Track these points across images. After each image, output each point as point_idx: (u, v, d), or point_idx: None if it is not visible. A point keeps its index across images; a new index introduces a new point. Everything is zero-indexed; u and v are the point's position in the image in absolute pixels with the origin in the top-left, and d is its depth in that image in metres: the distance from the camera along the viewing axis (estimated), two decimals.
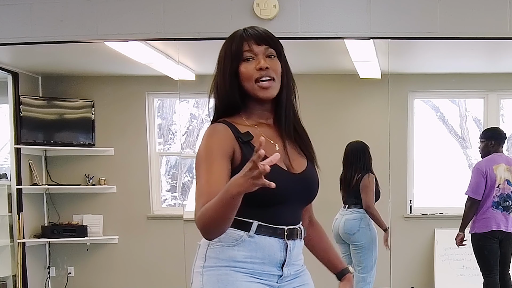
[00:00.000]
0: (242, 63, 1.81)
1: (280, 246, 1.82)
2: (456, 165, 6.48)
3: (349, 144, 4.85)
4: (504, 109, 6.30)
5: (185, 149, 6.57)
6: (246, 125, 1.83)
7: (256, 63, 1.80)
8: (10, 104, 5.75)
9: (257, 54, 1.81)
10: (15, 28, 4.40)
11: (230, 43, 1.83)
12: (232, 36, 1.85)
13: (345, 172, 4.78)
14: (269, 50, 1.82)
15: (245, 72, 1.80)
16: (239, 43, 1.81)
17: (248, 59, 1.80)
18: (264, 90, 1.81)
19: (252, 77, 1.80)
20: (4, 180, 5.91)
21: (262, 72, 1.79)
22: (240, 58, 1.80)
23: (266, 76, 1.80)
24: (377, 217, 4.68)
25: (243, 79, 1.81)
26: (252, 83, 1.80)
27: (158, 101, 6.41)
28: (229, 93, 1.83)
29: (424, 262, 6.03)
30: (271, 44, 1.83)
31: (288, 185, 1.80)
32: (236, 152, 1.77)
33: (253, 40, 1.81)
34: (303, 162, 1.88)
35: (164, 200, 6.55)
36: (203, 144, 1.79)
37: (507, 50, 5.06)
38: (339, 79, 5.83)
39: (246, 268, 1.79)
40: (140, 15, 4.35)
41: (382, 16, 4.26)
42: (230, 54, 1.81)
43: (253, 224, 1.79)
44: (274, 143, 1.85)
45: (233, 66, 1.81)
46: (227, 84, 1.82)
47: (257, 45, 1.81)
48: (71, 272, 6.17)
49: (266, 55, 1.82)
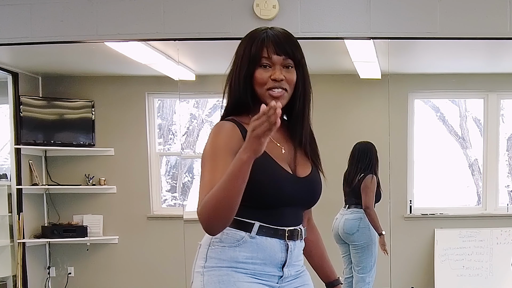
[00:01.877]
0: (258, 68, 1.79)
1: (281, 247, 1.82)
2: (456, 165, 6.48)
3: (357, 143, 4.85)
4: (504, 109, 6.30)
5: (185, 149, 6.58)
6: None
7: (272, 72, 1.78)
8: (10, 104, 5.75)
9: (275, 64, 1.78)
10: (15, 28, 4.40)
11: (250, 44, 1.80)
12: (253, 37, 1.82)
13: (349, 170, 4.79)
14: (287, 60, 1.80)
15: (260, 78, 1.79)
16: (259, 48, 1.78)
17: (265, 66, 1.79)
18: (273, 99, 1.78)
19: (265, 85, 1.79)
20: (4, 180, 5.91)
21: (276, 83, 1.78)
22: (257, 63, 1.78)
23: (279, 87, 1.79)
24: (374, 219, 4.66)
25: (256, 84, 1.79)
26: (263, 90, 1.79)
27: (158, 101, 6.41)
28: (241, 93, 1.82)
29: (424, 262, 6.03)
30: (290, 54, 1.80)
31: (291, 188, 1.81)
32: None
33: (273, 48, 1.78)
34: (308, 167, 1.88)
35: (164, 200, 6.55)
36: (209, 142, 1.78)
37: (507, 50, 5.06)
38: (339, 79, 5.83)
39: (247, 268, 1.79)
40: (140, 15, 4.35)
41: (382, 16, 4.26)
42: (248, 56, 1.79)
43: (255, 225, 1.79)
44: (280, 146, 1.84)
45: (249, 69, 1.79)
46: (240, 85, 1.81)
47: (276, 55, 1.78)
48: (71, 272, 6.17)
49: (283, 65, 1.79)
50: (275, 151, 1.81)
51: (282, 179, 1.79)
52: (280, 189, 1.78)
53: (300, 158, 1.87)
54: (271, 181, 1.76)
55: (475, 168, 6.45)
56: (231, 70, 1.85)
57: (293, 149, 1.86)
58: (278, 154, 1.82)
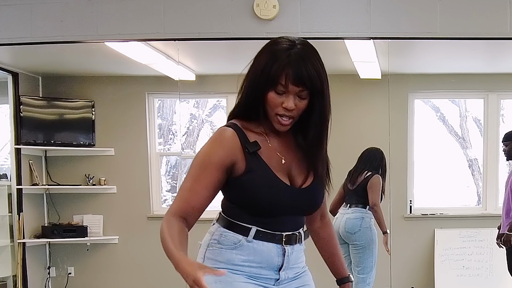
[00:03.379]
0: (272, 90, 1.74)
1: (278, 251, 1.83)
2: (456, 165, 6.47)
3: (369, 147, 4.88)
4: (504, 109, 6.30)
5: (185, 149, 6.57)
6: (256, 131, 1.81)
7: (285, 100, 1.74)
8: (10, 104, 5.75)
9: (289, 93, 1.74)
10: (15, 28, 4.40)
11: (272, 62, 1.73)
12: (276, 53, 1.74)
13: (355, 167, 4.79)
14: (303, 92, 1.75)
15: (271, 101, 1.75)
16: (279, 72, 1.72)
17: (279, 92, 1.74)
18: (280, 126, 1.78)
19: (275, 109, 1.76)
20: (4, 180, 5.91)
21: (286, 111, 1.75)
22: (273, 86, 1.74)
23: (288, 115, 1.76)
24: (380, 217, 4.67)
25: (267, 104, 1.76)
26: (273, 113, 1.77)
27: (158, 101, 6.41)
28: (251, 103, 1.79)
29: (424, 262, 6.02)
30: (309, 86, 1.74)
31: (288, 199, 1.80)
32: (239, 162, 1.76)
33: (291, 78, 1.72)
34: (310, 177, 1.85)
35: (164, 200, 6.55)
36: (205, 147, 1.79)
37: (507, 50, 5.06)
38: (339, 79, 5.80)
39: (243, 271, 1.81)
40: (140, 15, 4.35)
41: (382, 16, 4.26)
42: (266, 76, 1.73)
43: (252, 229, 1.79)
44: (281, 156, 1.83)
45: (265, 87, 1.75)
46: (253, 97, 1.78)
47: (293, 85, 1.73)
48: (71, 272, 6.17)
49: (297, 95, 1.75)
50: (275, 161, 1.80)
51: (279, 190, 1.78)
52: (275, 200, 1.78)
53: (302, 169, 1.85)
54: (267, 191, 1.77)
55: (475, 168, 6.44)
56: (248, 76, 1.80)
57: (297, 159, 1.84)
58: (277, 164, 1.81)
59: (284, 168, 1.82)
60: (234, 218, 1.81)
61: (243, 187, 1.76)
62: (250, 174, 1.76)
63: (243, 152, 1.76)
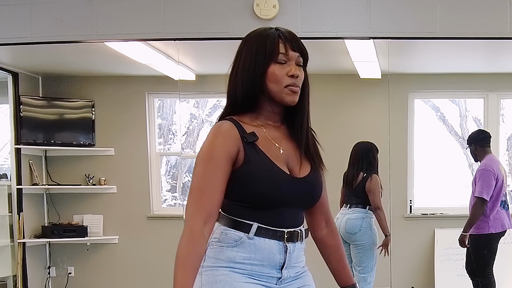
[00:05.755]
0: (273, 64, 1.76)
1: (280, 248, 1.81)
2: (456, 165, 6.47)
3: (357, 143, 4.85)
4: (504, 109, 6.30)
5: (185, 149, 6.58)
6: (252, 125, 1.81)
7: (289, 69, 1.76)
8: (10, 104, 5.75)
9: (291, 60, 1.77)
10: (15, 28, 4.40)
11: (263, 41, 1.77)
12: (263, 34, 1.79)
13: (349, 171, 4.79)
14: (299, 58, 1.79)
15: (276, 75, 1.76)
16: (275, 44, 1.76)
17: (281, 62, 1.77)
18: (292, 96, 1.78)
19: (282, 82, 1.76)
20: (4, 180, 5.91)
21: (293, 80, 1.77)
22: (273, 59, 1.76)
23: (296, 84, 1.78)
24: (383, 220, 4.67)
25: (271, 80, 1.77)
26: (280, 87, 1.77)
27: (158, 101, 6.41)
28: (251, 91, 1.79)
29: (424, 262, 6.03)
30: (302, 53, 1.80)
31: (288, 189, 1.80)
32: (239, 153, 1.76)
33: (290, 44, 1.77)
34: (307, 167, 1.86)
35: (164, 200, 6.55)
36: (207, 142, 1.78)
37: (507, 50, 5.06)
38: (339, 79, 5.83)
39: (244, 269, 1.79)
40: (140, 15, 4.35)
41: (382, 16, 4.26)
42: (263, 53, 1.76)
43: (253, 226, 1.78)
44: (278, 146, 1.83)
45: (265, 65, 1.76)
46: (255, 82, 1.78)
47: (292, 51, 1.77)
48: (71, 272, 6.17)
49: (296, 63, 1.79)
50: (273, 151, 1.80)
51: (279, 179, 1.78)
52: (276, 190, 1.77)
53: (300, 158, 1.85)
54: (267, 181, 1.76)
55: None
56: (236, 69, 1.81)
57: (293, 149, 1.85)
58: (275, 154, 1.81)
59: (282, 158, 1.82)
60: (235, 215, 1.79)
61: (243, 178, 1.75)
62: (249, 165, 1.75)
63: (242, 143, 1.76)
